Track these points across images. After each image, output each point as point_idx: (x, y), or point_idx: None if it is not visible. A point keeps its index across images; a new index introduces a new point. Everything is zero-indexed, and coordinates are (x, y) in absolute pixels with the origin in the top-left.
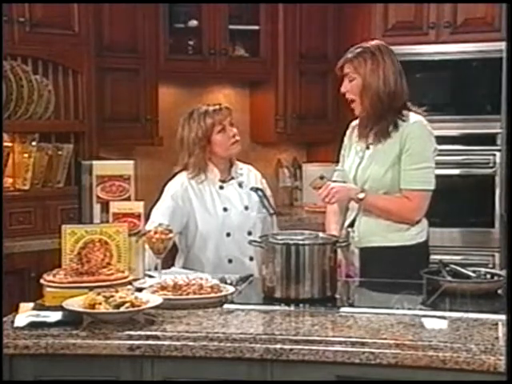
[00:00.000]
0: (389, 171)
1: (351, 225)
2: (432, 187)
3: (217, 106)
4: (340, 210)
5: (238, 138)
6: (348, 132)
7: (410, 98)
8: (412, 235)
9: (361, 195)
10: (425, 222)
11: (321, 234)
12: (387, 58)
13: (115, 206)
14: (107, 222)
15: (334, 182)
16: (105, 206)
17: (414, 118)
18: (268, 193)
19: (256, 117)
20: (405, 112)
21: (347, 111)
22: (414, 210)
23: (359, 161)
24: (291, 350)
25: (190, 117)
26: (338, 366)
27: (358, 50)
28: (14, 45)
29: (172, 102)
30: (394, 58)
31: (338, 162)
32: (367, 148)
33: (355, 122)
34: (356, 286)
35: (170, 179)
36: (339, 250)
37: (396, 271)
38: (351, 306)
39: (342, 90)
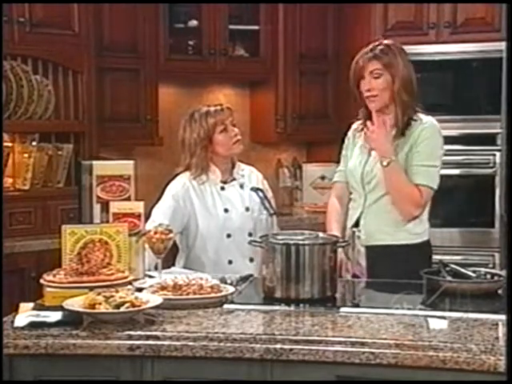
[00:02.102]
0: None
1: (356, 224)
2: (435, 187)
3: (218, 107)
4: (341, 209)
5: (239, 137)
6: (350, 132)
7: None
8: (418, 233)
9: (385, 162)
10: (427, 223)
11: (321, 234)
12: (405, 54)
13: (115, 206)
14: (107, 222)
15: (335, 182)
16: (105, 206)
17: (427, 119)
18: (269, 194)
19: (256, 117)
20: (420, 113)
21: (347, 111)
22: (419, 206)
23: (366, 158)
24: (291, 349)
25: (191, 118)
26: (338, 366)
27: (381, 47)
28: (14, 45)
29: (172, 102)
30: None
31: (338, 162)
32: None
33: (358, 123)
34: (356, 286)
35: (172, 180)
36: (342, 250)
37: (403, 269)
38: (351, 306)
39: (367, 86)
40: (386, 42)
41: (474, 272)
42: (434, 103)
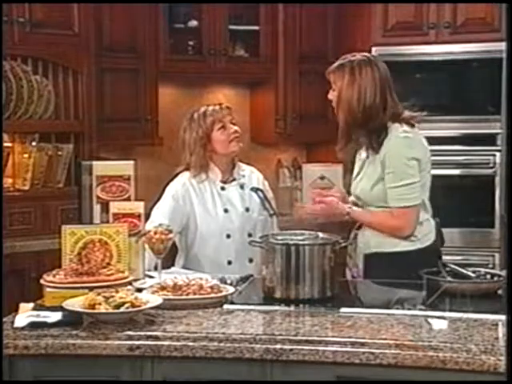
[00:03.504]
0: (375, 187)
1: (359, 227)
2: (416, 202)
3: (217, 106)
4: None
5: (238, 135)
6: None
7: (398, 110)
8: (412, 241)
9: (346, 217)
10: (428, 227)
11: (321, 235)
12: (367, 72)
13: (115, 207)
14: (107, 222)
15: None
16: (105, 207)
17: (394, 134)
18: (270, 195)
19: (256, 117)
20: (393, 125)
21: None
22: (399, 227)
23: (358, 171)
24: (291, 350)
25: (191, 118)
26: (338, 366)
27: (341, 61)
28: (14, 45)
29: (172, 102)
30: (376, 72)
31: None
32: (367, 157)
33: None
34: (356, 286)
35: (172, 180)
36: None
37: (399, 276)
38: (351, 306)
39: (329, 97)
40: (352, 57)
41: (473, 272)
42: (434, 103)
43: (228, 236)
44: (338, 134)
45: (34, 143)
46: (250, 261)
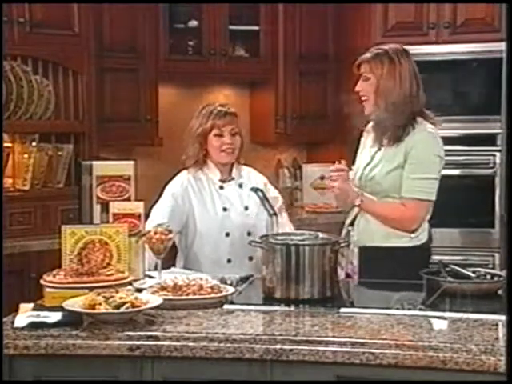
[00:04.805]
0: (390, 175)
1: (351, 223)
2: (432, 198)
3: (223, 110)
4: None
5: (231, 147)
6: (364, 133)
7: (424, 103)
8: (410, 237)
9: (357, 201)
10: (424, 224)
11: (321, 235)
12: (405, 61)
13: (115, 207)
14: (107, 222)
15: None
16: (105, 207)
17: (424, 128)
18: (272, 194)
19: (256, 117)
20: (419, 119)
21: (347, 111)
22: (409, 219)
23: (369, 161)
24: (291, 350)
25: (200, 111)
26: (338, 367)
27: (377, 51)
28: (14, 45)
29: (172, 102)
30: (411, 62)
31: (353, 161)
32: (379, 149)
33: (371, 125)
34: (356, 286)
35: (172, 178)
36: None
37: (394, 271)
38: (351, 306)
39: (357, 88)
40: (385, 46)
41: (473, 272)
42: (434, 104)
43: (227, 234)
44: (337, 133)
45: (34, 143)
46: (250, 259)
